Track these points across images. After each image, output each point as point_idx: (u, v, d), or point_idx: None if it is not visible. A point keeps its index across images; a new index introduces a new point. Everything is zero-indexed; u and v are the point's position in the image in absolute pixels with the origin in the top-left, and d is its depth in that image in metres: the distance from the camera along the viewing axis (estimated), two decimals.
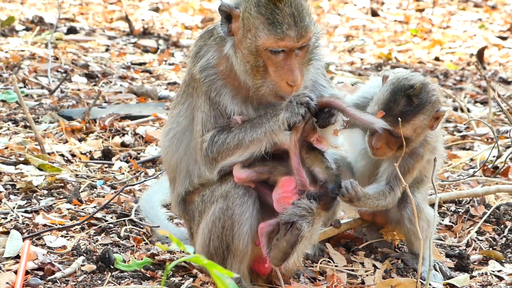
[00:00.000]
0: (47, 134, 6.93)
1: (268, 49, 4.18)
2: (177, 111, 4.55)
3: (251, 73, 4.24)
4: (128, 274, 4.66)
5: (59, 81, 8.51)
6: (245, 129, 4.28)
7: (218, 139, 4.31)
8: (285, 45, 4.17)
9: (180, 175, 4.57)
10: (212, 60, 4.36)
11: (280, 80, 4.21)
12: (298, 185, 4.29)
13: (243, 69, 4.25)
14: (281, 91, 4.23)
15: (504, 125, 7.86)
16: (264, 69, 4.22)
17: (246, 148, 4.29)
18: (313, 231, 4.35)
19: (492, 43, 12.07)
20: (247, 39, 4.20)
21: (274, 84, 4.23)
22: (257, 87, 4.26)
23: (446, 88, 9.40)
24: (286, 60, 4.19)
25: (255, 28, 4.17)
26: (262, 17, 4.16)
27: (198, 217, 4.49)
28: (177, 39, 11.40)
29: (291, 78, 4.19)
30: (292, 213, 4.23)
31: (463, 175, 6.49)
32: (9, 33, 10.52)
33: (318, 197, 4.25)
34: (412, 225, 4.90)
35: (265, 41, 4.16)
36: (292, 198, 4.28)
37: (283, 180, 4.35)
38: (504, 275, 5.01)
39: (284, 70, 4.20)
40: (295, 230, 4.20)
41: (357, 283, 4.81)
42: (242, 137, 4.27)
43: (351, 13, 14.12)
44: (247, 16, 4.19)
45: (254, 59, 4.21)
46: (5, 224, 5.18)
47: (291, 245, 4.22)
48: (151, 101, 8.32)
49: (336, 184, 4.32)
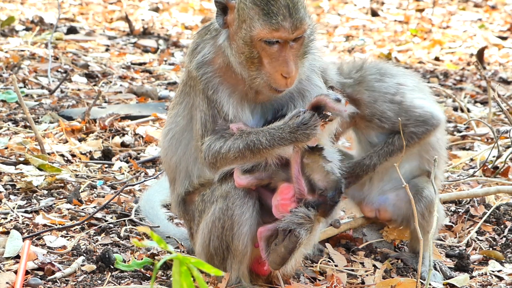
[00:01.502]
0: (47, 134, 6.93)
1: (263, 40, 4.17)
2: (176, 111, 4.55)
3: (245, 65, 4.23)
4: (128, 274, 4.66)
5: (59, 81, 8.51)
6: (245, 143, 4.23)
7: (214, 147, 4.29)
8: (280, 36, 4.16)
9: (179, 176, 4.56)
10: (208, 55, 4.35)
11: (274, 71, 4.20)
12: (296, 193, 4.29)
13: (238, 60, 4.24)
14: (275, 83, 4.22)
15: (504, 125, 7.86)
16: (258, 60, 4.21)
17: (247, 160, 4.26)
18: (311, 238, 4.35)
19: (492, 43, 12.07)
20: (242, 30, 4.20)
21: (268, 76, 4.21)
22: (251, 78, 4.25)
23: (446, 88, 9.40)
24: (280, 52, 4.18)
25: (250, 18, 4.17)
26: (257, 8, 4.16)
27: (198, 217, 4.49)
28: (177, 39, 11.40)
29: (286, 69, 4.18)
30: (290, 221, 4.23)
31: (463, 175, 6.49)
32: (9, 33, 10.52)
33: (316, 205, 4.26)
34: (424, 220, 4.90)
35: (260, 32, 4.16)
36: (290, 206, 4.28)
37: (282, 187, 4.34)
38: (504, 275, 5.01)
39: (278, 61, 4.19)
40: (293, 237, 4.21)
41: (357, 283, 4.81)
42: (241, 150, 4.23)
43: (351, 13, 14.12)
44: (242, 7, 4.19)
45: (248, 50, 4.20)
46: (5, 224, 5.18)
47: (289, 251, 4.23)
48: (151, 101, 8.32)
49: (337, 191, 4.30)
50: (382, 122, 4.95)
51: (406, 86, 5.03)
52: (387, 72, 5.06)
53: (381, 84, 4.99)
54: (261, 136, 4.22)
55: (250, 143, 4.22)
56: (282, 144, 4.19)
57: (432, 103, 5.07)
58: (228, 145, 4.26)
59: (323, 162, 4.32)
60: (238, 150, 4.24)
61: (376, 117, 4.95)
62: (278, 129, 4.21)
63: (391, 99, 4.92)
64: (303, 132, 4.17)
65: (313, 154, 4.32)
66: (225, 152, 4.26)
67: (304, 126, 4.17)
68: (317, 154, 4.32)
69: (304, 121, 4.17)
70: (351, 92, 4.95)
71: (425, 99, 5.04)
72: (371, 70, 5.04)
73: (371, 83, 4.98)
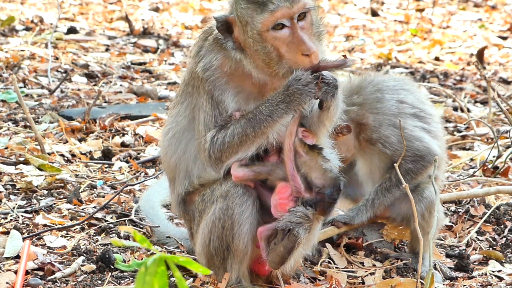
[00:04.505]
0: (47, 134, 6.93)
1: (269, 28, 4.16)
2: (176, 111, 4.54)
3: (265, 63, 4.19)
4: (128, 274, 4.66)
5: (59, 81, 8.51)
6: (246, 121, 4.24)
7: (217, 139, 4.29)
8: (282, 15, 4.14)
9: (179, 175, 4.56)
10: (215, 62, 4.33)
11: (294, 54, 4.16)
12: (293, 192, 4.29)
13: (257, 63, 4.22)
14: (299, 64, 4.16)
15: (504, 125, 7.85)
16: (276, 53, 4.18)
17: (251, 142, 4.25)
18: (310, 237, 4.35)
19: (492, 43, 12.06)
20: (248, 32, 4.19)
21: (290, 62, 4.17)
22: (275, 74, 4.21)
23: (446, 88, 9.39)
24: (293, 35, 4.16)
25: (250, 17, 4.17)
26: (252, 4, 4.16)
27: (198, 217, 4.49)
28: (177, 39, 11.40)
29: (304, 47, 4.14)
30: (289, 220, 4.23)
31: (463, 175, 6.49)
32: (9, 33, 10.52)
33: (314, 203, 4.25)
34: (424, 221, 4.91)
35: (263, 22, 4.14)
36: (289, 205, 4.28)
37: (279, 186, 4.34)
38: (504, 275, 5.01)
39: (294, 44, 4.16)
40: (292, 237, 4.22)
41: (357, 283, 4.81)
42: (245, 131, 4.24)
43: (351, 13, 14.11)
44: (240, 12, 4.20)
45: (261, 46, 4.19)
46: (5, 224, 5.18)
47: (288, 250, 4.24)
48: (151, 101, 8.32)
49: (335, 188, 4.30)
50: (385, 147, 4.96)
51: (407, 105, 5.03)
52: (386, 87, 5.07)
53: (384, 105, 4.99)
54: (260, 107, 4.22)
55: (250, 118, 4.23)
56: (280, 110, 4.18)
57: (430, 134, 5.07)
58: (231, 131, 4.26)
59: (322, 161, 4.32)
60: (241, 131, 4.23)
61: (380, 142, 4.96)
62: (275, 95, 4.21)
63: (395, 123, 4.93)
64: (296, 88, 4.14)
65: (312, 151, 4.32)
66: (229, 140, 4.26)
67: (296, 82, 4.14)
68: (316, 152, 4.33)
69: (297, 77, 4.15)
70: (356, 118, 4.96)
71: (424, 130, 5.05)
72: (370, 89, 5.04)
73: (374, 104, 4.99)
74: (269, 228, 4.31)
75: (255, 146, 4.28)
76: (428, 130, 5.05)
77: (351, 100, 4.99)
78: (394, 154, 4.95)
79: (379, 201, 4.98)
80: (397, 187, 4.94)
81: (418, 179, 4.99)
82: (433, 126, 5.09)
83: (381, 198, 4.98)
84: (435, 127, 5.10)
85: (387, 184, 4.97)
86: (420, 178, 5.00)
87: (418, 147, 4.96)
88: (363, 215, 5.01)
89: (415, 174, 4.96)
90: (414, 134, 4.98)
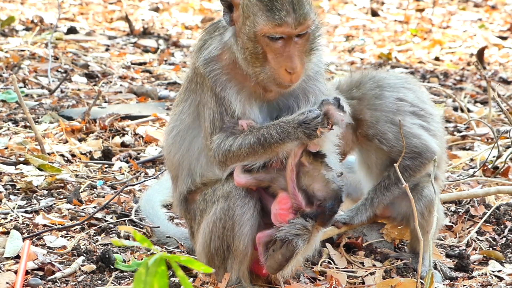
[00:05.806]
0: (47, 134, 6.93)
1: (266, 35, 4.17)
2: (180, 109, 4.54)
3: (250, 60, 4.23)
4: (128, 274, 4.66)
5: (59, 81, 8.51)
6: (256, 140, 4.24)
7: (224, 145, 4.30)
8: (283, 32, 4.16)
9: (182, 174, 4.55)
10: (215, 51, 4.35)
11: (278, 67, 4.20)
12: (294, 206, 4.29)
13: (243, 56, 4.25)
14: (280, 78, 4.21)
15: (504, 125, 7.86)
16: (263, 56, 4.21)
17: (259, 156, 4.27)
18: (309, 246, 4.36)
19: (492, 43, 12.06)
20: (246, 26, 4.20)
21: (273, 72, 4.21)
22: (256, 74, 4.25)
23: (446, 88, 9.39)
24: (285, 48, 4.19)
25: (254, 14, 4.18)
26: (260, 4, 4.17)
27: (199, 216, 4.49)
28: (177, 39, 11.40)
29: (290, 65, 4.18)
30: (288, 231, 4.24)
31: (463, 175, 6.49)
32: (9, 33, 10.51)
33: (314, 216, 4.26)
34: (424, 220, 4.90)
35: (263, 27, 4.16)
36: (288, 216, 4.28)
37: (280, 196, 4.33)
38: (504, 275, 5.01)
39: (283, 57, 4.19)
40: (290, 247, 4.23)
41: (357, 283, 4.81)
42: (253, 147, 4.25)
43: (351, 13, 14.11)
44: (246, 3, 4.21)
45: (253, 45, 4.20)
46: (5, 224, 5.18)
47: (286, 259, 4.25)
48: (151, 101, 8.32)
49: (336, 200, 4.30)
50: (381, 143, 4.95)
51: (406, 103, 5.03)
52: (386, 84, 5.06)
53: (382, 102, 4.99)
54: (272, 129, 4.24)
55: (261, 138, 4.24)
56: (290, 138, 4.22)
57: (429, 132, 5.06)
58: (239, 142, 4.27)
59: (325, 170, 4.31)
60: (249, 146, 4.25)
61: (377, 138, 4.96)
62: (287, 122, 4.24)
63: (392, 120, 4.92)
64: (303, 131, 4.20)
65: (316, 161, 4.31)
66: (236, 150, 4.27)
67: (305, 125, 4.19)
68: (319, 161, 4.31)
69: (306, 120, 4.19)
70: (354, 112, 4.95)
71: (423, 128, 5.04)
72: (370, 85, 5.03)
73: (372, 100, 4.98)
74: (267, 235, 4.32)
75: (262, 160, 4.31)
76: (427, 128, 5.04)
77: (350, 94, 4.98)
78: (391, 150, 4.95)
79: (378, 200, 4.98)
80: (396, 185, 4.93)
81: (417, 176, 4.98)
82: (432, 125, 5.08)
83: (380, 197, 4.98)
84: (435, 126, 5.10)
85: (386, 182, 4.97)
86: (419, 175, 4.99)
87: (415, 144, 4.96)
88: (363, 215, 5.00)
89: (413, 171, 4.96)
90: (412, 131, 4.98)
